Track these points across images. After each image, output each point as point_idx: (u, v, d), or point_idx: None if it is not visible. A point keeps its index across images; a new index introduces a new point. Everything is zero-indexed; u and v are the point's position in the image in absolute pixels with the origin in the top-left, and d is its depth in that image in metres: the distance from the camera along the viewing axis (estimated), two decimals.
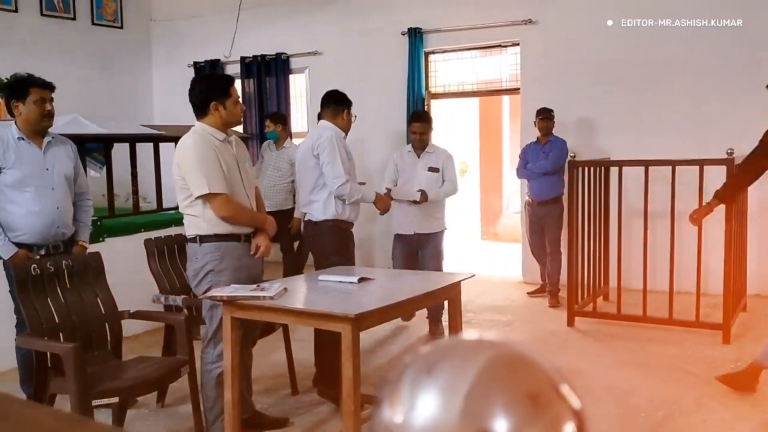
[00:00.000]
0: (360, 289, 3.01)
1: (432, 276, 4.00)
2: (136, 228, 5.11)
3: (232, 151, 3.19)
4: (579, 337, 4.91)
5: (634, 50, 6.10)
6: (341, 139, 3.85)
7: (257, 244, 3.19)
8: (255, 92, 7.97)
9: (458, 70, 7.17)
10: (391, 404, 0.62)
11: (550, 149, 5.81)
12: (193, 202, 3.08)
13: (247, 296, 2.79)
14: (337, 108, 3.92)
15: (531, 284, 6.45)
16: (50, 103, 3.48)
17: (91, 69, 8.03)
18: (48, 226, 3.47)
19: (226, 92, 3.11)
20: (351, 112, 3.96)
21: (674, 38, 5.95)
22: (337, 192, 3.78)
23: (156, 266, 3.79)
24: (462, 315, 3.36)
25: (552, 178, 5.79)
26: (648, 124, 6.15)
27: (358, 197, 3.85)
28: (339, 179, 3.76)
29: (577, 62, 6.33)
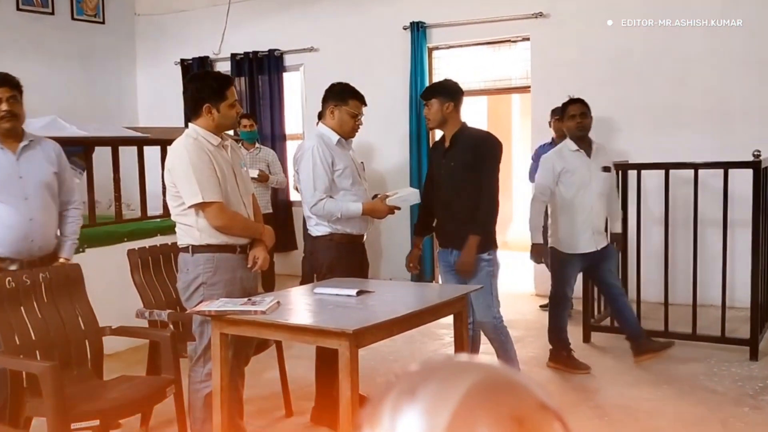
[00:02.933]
0: (359, 303, 3.01)
1: (437, 288, 3.99)
2: (118, 237, 5.11)
3: (227, 156, 3.20)
4: (595, 353, 4.90)
5: (652, 45, 6.12)
6: (326, 146, 3.59)
7: (254, 256, 3.20)
8: (246, 91, 8.00)
9: (464, 67, 7.19)
10: (371, 427, 0.62)
11: None
12: (186, 211, 3.09)
13: (237, 311, 2.79)
14: (324, 105, 3.70)
15: (543, 297, 6.42)
16: (10, 101, 3.21)
17: (71, 67, 8.07)
18: (20, 240, 3.29)
19: (221, 94, 3.12)
20: (348, 108, 3.62)
21: (696, 32, 5.96)
22: (313, 212, 3.59)
23: (140, 278, 3.79)
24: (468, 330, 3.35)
25: None
26: (668, 125, 6.16)
27: (338, 215, 3.57)
28: (312, 198, 3.56)
29: (592, 58, 6.34)
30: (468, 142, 3.73)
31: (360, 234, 3.72)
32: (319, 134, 3.71)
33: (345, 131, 3.67)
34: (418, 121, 7.10)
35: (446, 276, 3.87)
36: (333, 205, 3.58)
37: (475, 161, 3.67)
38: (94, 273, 3.81)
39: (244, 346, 3.29)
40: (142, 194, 5.52)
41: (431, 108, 3.73)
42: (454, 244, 3.74)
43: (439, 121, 3.74)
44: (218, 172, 3.09)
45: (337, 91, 3.69)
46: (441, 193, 3.80)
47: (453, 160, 3.72)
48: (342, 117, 3.65)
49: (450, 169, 3.73)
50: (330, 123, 3.68)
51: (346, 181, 3.64)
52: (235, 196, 3.18)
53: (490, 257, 3.74)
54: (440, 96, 3.72)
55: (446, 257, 3.82)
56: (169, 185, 3.13)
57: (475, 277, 3.69)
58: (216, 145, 3.14)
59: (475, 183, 3.66)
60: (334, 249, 3.66)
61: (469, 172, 3.67)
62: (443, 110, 3.71)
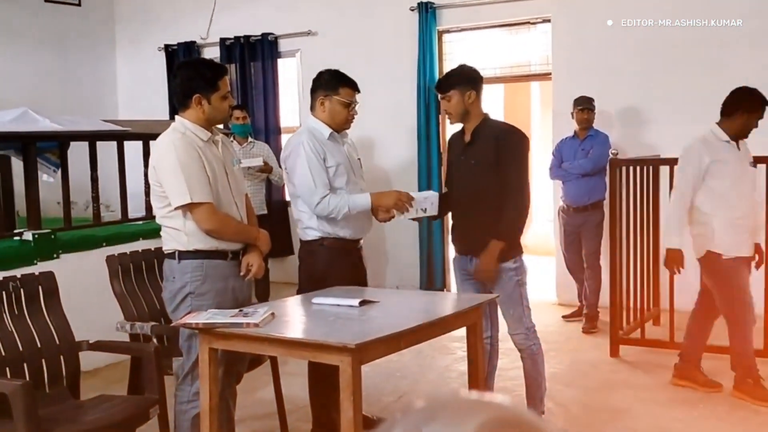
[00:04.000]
0: (362, 314, 3.01)
1: (449, 298, 3.99)
2: (96, 242, 5.12)
3: (218, 152, 3.21)
4: (624, 369, 4.89)
5: (688, 26, 6.09)
6: (316, 141, 3.57)
7: (248, 263, 3.20)
8: (237, 80, 8.01)
9: (478, 52, 7.18)
10: None
11: (590, 145, 5.81)
12: (172, 213, 3.10)
13: (228, 323, 2.79)
14: (313, 96, 3.66)
15: (566, 306, 6.43)
16: None
17: (43, 54, 8.08)
18: None
19: (213, 84, 3.12)
20: (339, 98, 3.58)
21: (739, 6, 5.92)
22: (318, 213, 3.55)
23: (121, 287, 3.80)
24: (483, 344, 3.35)
25: (591, 180, 5.79)
26: (705, 115, 6.08)
27: (345, 211, 3.53)
28: (314, 197, 3.51)
29: (620, 41, 6.32)
30: (491, 137, 3.61)
31: (355, 238, 3.68)
32: (309, 128, 3.68)
33: (338, 123, 3.64)
34: (427, 113, 7.10)
35: (463, 285, 3.82)
36: (338, 200, 3.53)
37: (499, 159, 3.55)
38: (70, 281, 3.82)
39: (235, 363, 3.29)
40: (122, 194, 5.53)
41: (451, 101, 3.61)
42: (474, 251, 3.66)
43: (462, 113, 3.63)
44: (208, 170, 3.09)
45: (326, 79, 3.66)
46: (459, 195, 3.71)
47: (474, 158, 3.62)
48: (333, 108, 3.62)
49: (470, 168, 3.64)
50: (321, 115, 3.64)
51: (340, 180, 3.60)
52: (227, 197, 3.18)
53: (516, 265, 3.65)
54: (460, 86, 3.60)
55: (464, 265, 3.76)
56: (153, 184, 3.14)
57: (501, 288, 3.63)
58: (206, 141, 3.15)
59: (499, 184, 3.55)
60: (325, 255, 3.63)
61: (492, 172, 3.55)
62: (465, 101, 3.59)
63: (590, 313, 5.84)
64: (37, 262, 4.62)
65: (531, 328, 3.76)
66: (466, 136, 3.70)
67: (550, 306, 6.62)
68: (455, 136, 3.88)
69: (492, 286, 3.63)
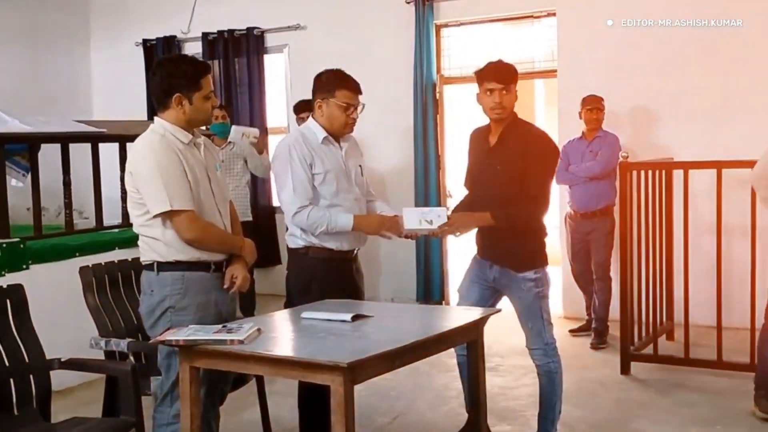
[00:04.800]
0: (354, 330, 3.00)
1: (447, 312, 3.98)
2: (69, 252, 5.10)
3: (200, 156, 3.20)
4: (636, 387, 4.89)
5: (703, 25, 6.10)
6: (306, 144, 3.55)
7: (232, 275, 3.19)
8: (221, 77, 8.01)
9: (478, 47, 7.20)
10: None
11: (599, 147, 5.83)
12: (151, 221, 3.09)
13: (211, 340, 2.78)
14: (313, 99, 3.67)
15: (573, 319, 6.43)
16: None
17: (12, 49, 8.07)
18: None
19: (194, 83, 3.11)
20: (336, 101, 3.57)
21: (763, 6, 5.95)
22: (295, 224, 3.56)
23: (95, 301, 3.78)
24: (485, 361, 3.34)
25: (600, 184, 5.81)
26: (721, 116, 6.16)
27: (323, 228, 3.51)
28: (292, 206, 3.52)
29: (631, 36, 6.35)
30: (521, 142, 3.59)
31: (344, 250, 3.64)
32: (302, 131, 3.69)
33: (336, 128, 3.62)
34: (424, 113, 7.10)
35: (471, 286, 3.79)
36: (319, 215, 3.52)
37: (526, 168, 3.54)
38: (40, 294, 3.80)
39: (218, 382, 3.27)
40: (97, 200, 5.51)
41: (511, 93, 3.59)
42: (494, 258, 3.69)
43: (511, 111, 3.65)
44: (189, 175, 3.08)
45: (324, 81, 3.65)
46: (481, 199, 3.67)
47: (500, 163, 3.60)
48: (331, 112, 3.60)
49: (495, 173, 3.61)
50: (320, 119, 3.64)
51: (327, 188, 3.57)
52: (210, 204, 3.17)
53: (537, 276, 3.66)
54: (516, 80, 3.63)
55: (483, 269, 3.74)
56: (130, 190, 3.13)
57: (519, 299, 3.67)
58: (187, 143, 3.14)
59: (522, 193, 3.56)
60: (309, 266, 3.61)
61: (517, 180, 3.55)
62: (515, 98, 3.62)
63: (599, 328, 5.85)
64: (4, 274, 4.60)
65: (551, 344, 3.77)
66: (491, 136, 3.68)
67: (556, 320, 6.52)
68: (478, 134, 3.82)
69: (457, 233, 3.62)
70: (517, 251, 3.66)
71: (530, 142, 3.63)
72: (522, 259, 3.66)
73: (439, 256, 7.18)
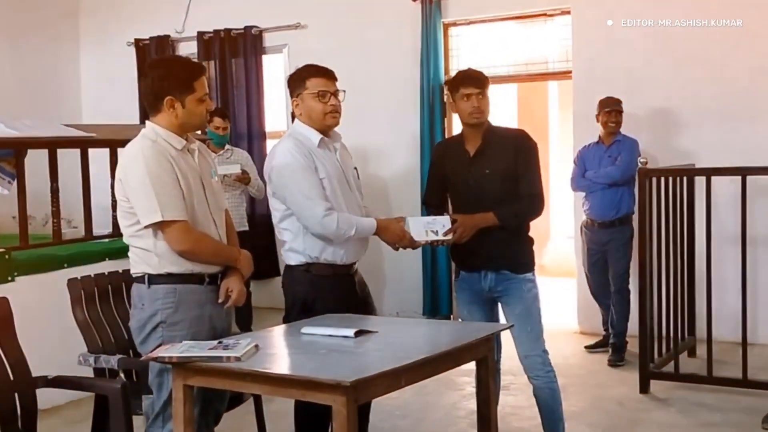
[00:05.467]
0: (358, 347, 2.99)
1: (456, 327, 3.96)
2: (57, 263, 5.10)
3: (194, 162, 3.21)
4: (656, 407, 4.88)
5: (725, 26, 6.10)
6: (304, 147, 3.52)
7: (227, 289, 3.19)
8: (217, 79, 8.03)
9: (488, 47, 7.20)
10: None
11: (618, 152, 5.84)
12: (141, 232, 3.09)
13: (205, 357, 2.78)
14: (291, 97, 3.66)
15: (589, 335, 6.41)
16: None
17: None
18: None
19: (187, 85, 3.12)
20: (309, 91, 3.54)
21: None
22: (321, 231, 3.49)
23: (84, 315, 3.78)
24: (495, 380, 3.33)
25: (619, 191, 5.81)
26: (746, 119, 6.16)
27: (351, 233, 3.50)
28: (316, 213, 3.44)
29: (650, 35, 6.35)
30: (506, 141, 3.77)
31: (347, 263, 3.62)
32: (294, 134, 3.62)
33: (317, 121, 3.56)
34: (431, 117, 7.11)
35: (470, 307, 3.86)
36: (346, 219, 3.50)
37: (518, 164, 3.71)
38: (26, 307, 3.79)
39: (213, 401, 3.27)
40: (86, 208, 5.52)
41: (486, 98, 3.75)
42: (489, 265, 3.75)
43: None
44: (182, 183, 3.09)
45: (294, 78, 3.64)
46: (467, 208, 3.75)
47: (489, 167, 3.71)
48: (307, 105, 3.57)
49: (484, 178, 3.72)
50: (302, 119, 3.61)
51: (330, 195, 3.54)
52: (204, 213, 3.17)
53: (534, 277, 3.83)
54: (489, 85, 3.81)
55: (475, 283, 3.80)
56: (120, 199, 3.13)
57: (520, 302, 3.75)
58: (180, 149, 3.15)
59: (515, 191, 3.71)
60: (310, 283, 3.58)
61: (509, 179, 3.71)
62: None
63: (617, 343, 5.84)
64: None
65: (547, 352, 3.82)
66: (469, 145, 3.79)
67: (571, 335, 6.60)
68: (446, 147, 4.02)
69: (461, 238, 3.66)
70: (516, 252, 3.79)
71: (516, 140, 3.82)
72: (522, 260, 3.80)
73: (446, 268, 7.16)
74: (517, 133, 3.91)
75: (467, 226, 3.66)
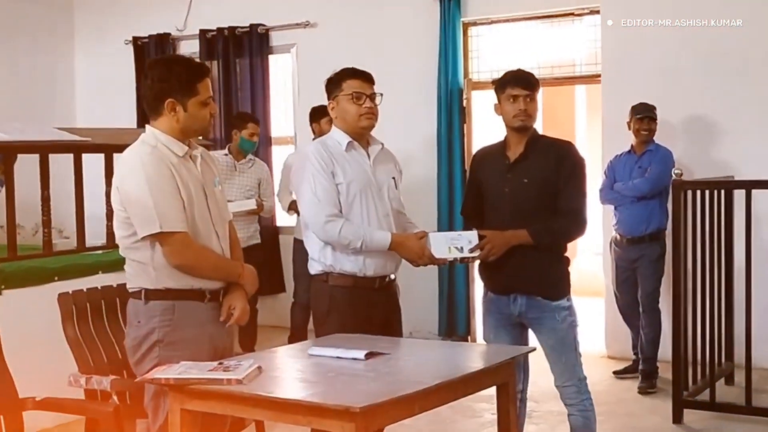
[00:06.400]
0: (369, 369, 2.99)
1: (473, 350, 3.95)
2: (47, 275, 5.11)
3: (196, 171, 3.22)
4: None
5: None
6: (327, 151, 3.63)
7: (230, 306, 3.20)
8: (220, 80, 8.06)
9: (511, 49, 7.20)
10: None
11: (649, 162, 5.82)
12: (138, 243, 3.10)
13: (204, 379, 2.78)
14: (328, 100, 3.78)
15: (618, 359, 6.38)
16: None
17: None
18: None
19: (189, 87, 3.13)
20: (344, 93, 3.66)
21: None
22: (323, 237, 3.58)
23: (75, 332, 3.79)
24: (516, 407, 3.31)
25: (650, 205, 5.79)
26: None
27: (357, 244, 3.54)
28: (317, 217, 3.56)
29: (686, 37, 6.34)
30: (550, 151, 3.75)
31: (369, 276, 3.65)
32: (322, 138, 3.80)
33: (352, 124, 3.68)
34: (449, 121, 7.12)
35: (497, 332, 3.84)
36: (353, 228, 3.55)
37: (559, 177, 3.68)
38: (14, 324, 3.81)
39: (213, 427, 3.27)
40: (79, 218, 5.54)
41: (534, 101, 3.75)
42: (521, 288, 3.72)
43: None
44: (183, 192, 3.10)
45: (331, 79, 3.75)
46: (501, 220, 3.73)
47: (527, 175, 3.69)
48: (342, 108, 3.69)
49: (522, 188, 3.71)
50: (336, 123, 3.75)
51: (351, 202, 3.62)
52: (205, 225, 3.18)
53: (569, 303, 3.79)
54: (539, 89, 3.81)
55: (504, 306, 3.78)
56: (117, 208, 3.14)
57: (553, 331, 3.72)
58: (182, 156, 3.16)
59: (555, 206, 3.69)
60: (329, 295, 3.64)
61: (549, 191, 3.68)
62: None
63: (647, 369, 5.80)
64: None
65: (583, 379, 3.81)
66: (510, 151, 3.77)
67: (598, 359, 6.57)
68: (487, 154, 3.94)
69: (489, 257, 3.63)
70: (549, 276, 3.74)
71: (561, 150, 3.78)
72: (556, 284, 3.76)
73: (464, 284, 7.15)
74: (563, 144, 3.87)
75: (497, 243, 3.63)
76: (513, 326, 3.82)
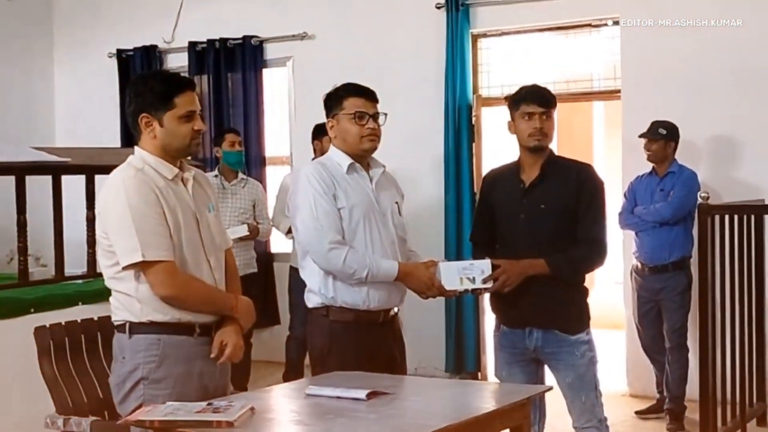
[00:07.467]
0: (370, 410, 2.97)
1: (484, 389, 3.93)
2: (23, 307, 5.09)
3: (187, 194, 3.22)
4: None
5: None
6: (326, 173, 3.63)
7: (221, 342, 3.18)
8: (210, 95, 8.08)
9: (523, 62, 7.22)
10: None
11: (672, 184, 5.82)
12: (122, 274, 3.10)
13: (192, 421, 2.77)
14: (327, 118, 3.80)
15: (640, 398, 6.35)
16: None
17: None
18: None
19: (165, 100, 3.13)
20: (345, 112, 3.67)
21: None
22: (326, 266, 3.57)
23: (52, 370, 3.78)
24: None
25: (673, 231, 5.79)
26: None
27: (362, 274, 3.54)
28: (319, 246, 3.54)
29: (710, 51, 6.35)
30: (568, 176, 3.77)
31: (373, 309, 3.65)
32: (322, 159, 3.81)
33: (352, 145, 3.68)
34: (457, 140, 7.13)
35: (511, 369, 3.85)
36: (358, 257, 3.54)
37: (579, 206, 3.70)
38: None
39: None
40: (57, 244, 5.53)
41: (551, 119, 3.78)
42: (537, 321, 3.72)
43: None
44: (169, 217, 3.09)
45: (330, 96, 3.76)
46: (515, 248, 3.74)
47: (544, 201, 3.71)
48: (343, 127, 3.69)
49: (538, 214, 3.73)
50: (336, 143, 3.75)
51: (352, 227, 3.62)
52: (195, 253, 3.18)
53: (589, 337, 3.80)
54: (556, 106, 3.84)
55: (519, 341, 3.79)
56: (100, 236, 3.14)
57: (572, 368, 3.72)
58: (171, 179, 3.16)
59: (573, 233, 3.71)
60: (329, 331, 3.63)
61: (568, 218, 3.70)
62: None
63: (674, 409, 5.78)
64: None
65: (604, 420, 3.80)
66: (525, 174, 3.79)
67: (619, 398, 6.54)
68: (499, 176, 3.96)
69: (504, 288, 3.63)
70: (568, 308, 3.76)
71: (580, 174, 3.81)
72: (574, 317, 3.77)
73: (473, 317, 7.13)
74: (582, 167, 3.90)
75: (512, 274, 3.64)
76: (528, 362, 3.82)
